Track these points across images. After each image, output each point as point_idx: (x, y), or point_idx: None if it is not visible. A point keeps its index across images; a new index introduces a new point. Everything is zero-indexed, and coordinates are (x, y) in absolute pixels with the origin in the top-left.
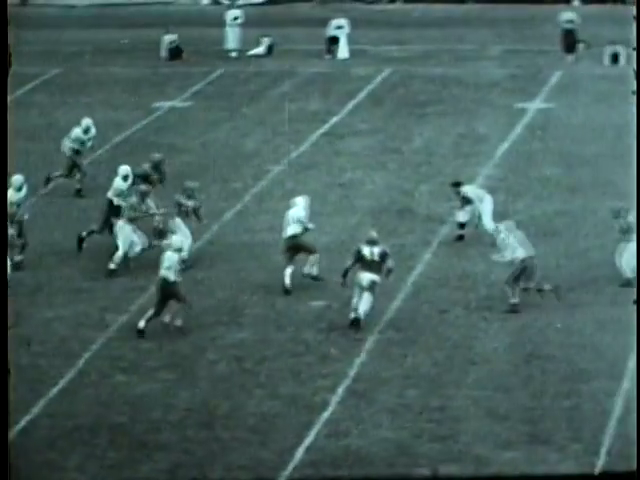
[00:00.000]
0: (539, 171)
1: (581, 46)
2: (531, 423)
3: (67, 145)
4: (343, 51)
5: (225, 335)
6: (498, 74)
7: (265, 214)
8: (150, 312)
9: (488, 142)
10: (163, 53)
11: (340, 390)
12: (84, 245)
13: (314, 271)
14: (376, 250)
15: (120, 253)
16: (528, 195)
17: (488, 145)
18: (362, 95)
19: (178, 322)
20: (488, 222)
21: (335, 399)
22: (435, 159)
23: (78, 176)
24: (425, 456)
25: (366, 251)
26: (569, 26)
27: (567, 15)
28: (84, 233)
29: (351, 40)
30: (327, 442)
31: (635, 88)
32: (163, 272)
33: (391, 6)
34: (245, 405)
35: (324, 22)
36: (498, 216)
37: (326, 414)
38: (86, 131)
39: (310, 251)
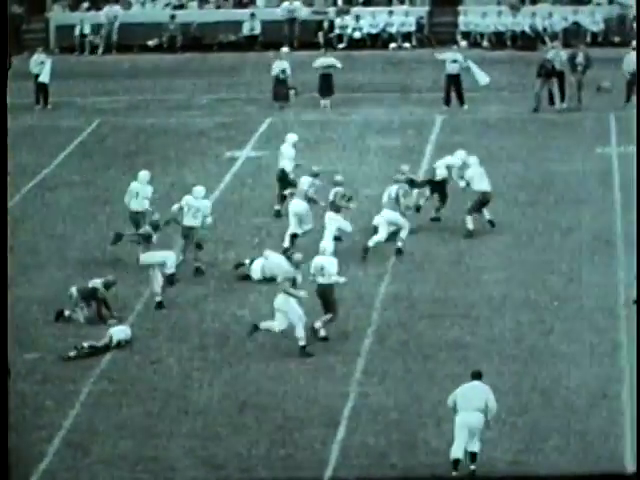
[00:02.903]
0: (249, 220)
1: (292, 93)
2: (247, 472)
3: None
4: (45, 75)
5: None
6: (207, 123)
7: None
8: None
9: None
10: None
11: (56, 441)
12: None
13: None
14: None
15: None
16: (239, 244)
17: None
18: (72, 147)
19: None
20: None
21: (51, 450)
22: None
23: None
24: None
25: None
26: (281, 74)
27: (279, 64)
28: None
29: (60, 92)
30: None
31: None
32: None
33: (100, 58)
34: None
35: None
36: (209, 266)
37: (43, 465)
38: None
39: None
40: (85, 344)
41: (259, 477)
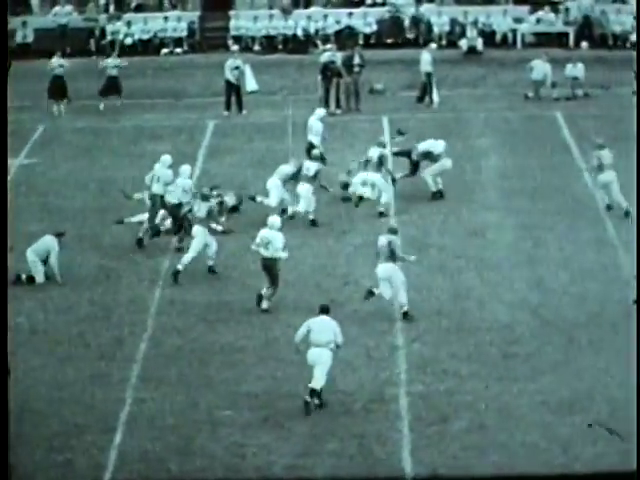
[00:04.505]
0: (24, 227)
1: (65, 101)
2: (25, 479)
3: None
4: None
5: None
6: None
7: None
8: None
9: None
10: None
11: None
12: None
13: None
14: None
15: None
16: (15, 251)
17: None
18: None
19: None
20: None
21: None
22: None
23: None
24: None
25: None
26: (59, 72)
27: (56, 61)
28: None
29: None
30: None
31: (635, 88)
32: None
33: None
34: None
35: None
36: None
37: None
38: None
39: None
40: None
41: None
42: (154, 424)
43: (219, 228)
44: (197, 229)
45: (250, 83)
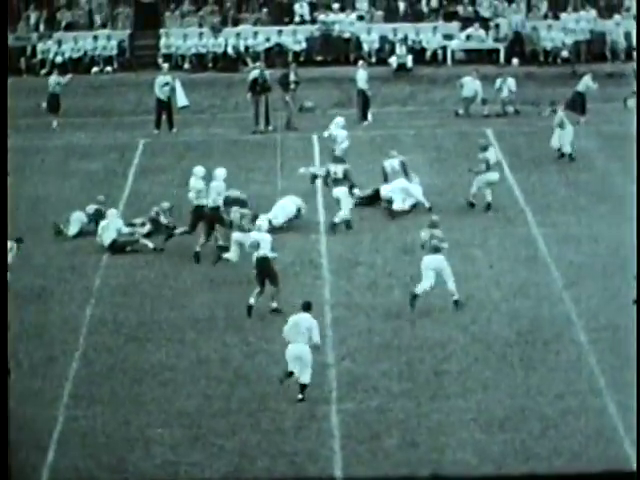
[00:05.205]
0: None
1: None
2: None
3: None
4: None
5: None
6: None
7: None
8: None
9: None
10: None
11: None
12: None
13: None
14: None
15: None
16: None
17: None
18: None
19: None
20: None
21: None
22: None
23: None
24: None
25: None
26: None
27: None
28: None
29: None
30: None
31: (635, 88)
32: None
33: None
34: None
35: None
36: None
37: None
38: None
39: None
40: None
41: None
42: (86, 442)
43: (150, 245)
44: (237, 236)
45: (181, 98)
